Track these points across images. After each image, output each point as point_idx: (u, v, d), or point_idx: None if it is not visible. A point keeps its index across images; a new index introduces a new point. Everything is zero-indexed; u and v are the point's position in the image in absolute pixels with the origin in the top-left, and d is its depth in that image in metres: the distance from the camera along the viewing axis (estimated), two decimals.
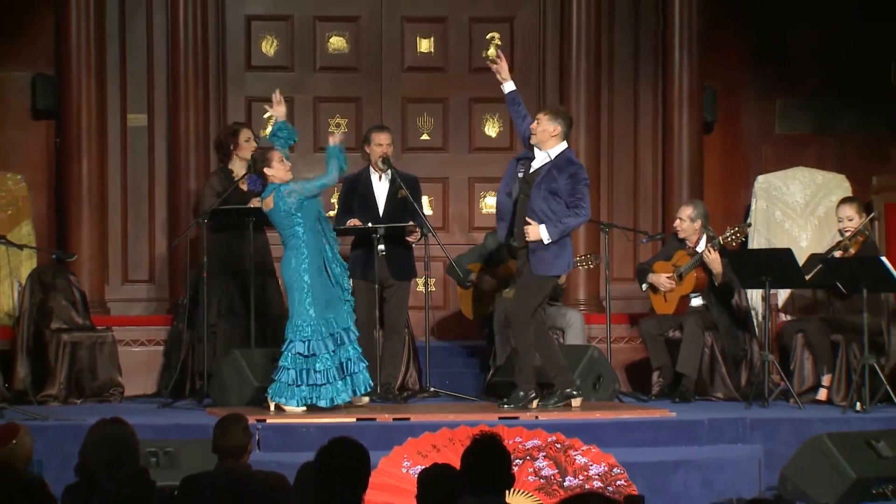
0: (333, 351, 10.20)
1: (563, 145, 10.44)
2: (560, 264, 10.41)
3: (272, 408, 10.21)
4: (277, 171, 10.35)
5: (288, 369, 10.15)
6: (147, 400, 11.67)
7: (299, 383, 10.16)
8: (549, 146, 10.38)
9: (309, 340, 10.16)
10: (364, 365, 10.34)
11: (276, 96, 10.45)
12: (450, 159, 13.10)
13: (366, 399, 10.47)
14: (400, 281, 11.28)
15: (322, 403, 10.18)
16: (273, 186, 10.28)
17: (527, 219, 10.28)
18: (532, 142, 10.42)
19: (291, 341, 10.17)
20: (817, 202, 12.76)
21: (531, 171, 10.44)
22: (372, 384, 10.45)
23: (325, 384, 10.18)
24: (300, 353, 10.15)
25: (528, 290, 10.44)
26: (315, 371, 10.17)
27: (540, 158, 10.41)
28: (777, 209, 12.80)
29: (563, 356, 10.71)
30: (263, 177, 10.35)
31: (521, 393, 10.42)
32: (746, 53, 13.28)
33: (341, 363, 10.24)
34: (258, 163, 10.44)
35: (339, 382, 10.23)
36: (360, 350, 10.33)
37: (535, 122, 10.44)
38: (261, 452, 9.32)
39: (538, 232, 10.25)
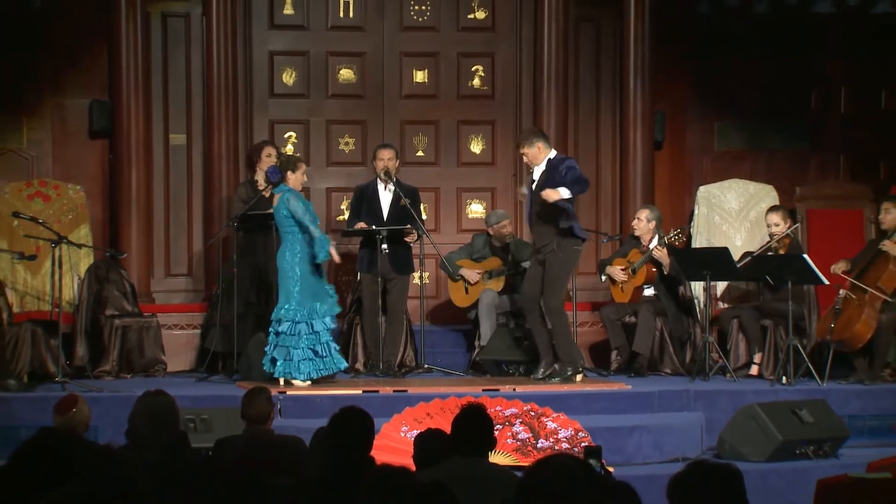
0: (309, 334, 10.18)
1: (553, 152, 10.48)
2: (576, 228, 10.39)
3: (282, 382, 10.18)
4: (296, 179, 10.40)
5: (275, 346, 10.19)
6: (186, 375, 11.67)
7: (280, 358, 10.18)
8: (541, 160, 10.41)
9: (294, 322, 10.16)
10: (334, 349, 10.35)
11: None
12: (441, 172, 13.08)
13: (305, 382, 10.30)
14: (400, 275, 11.27)
15: (300, 378, 10.18)
16: (284, 188, 10.33)
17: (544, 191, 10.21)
18: (531, 167, 10.48)
19: (281, 321, 10.18)
20: (750, 208, 12.75)
21: (534, 185, 10.46)
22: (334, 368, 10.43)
23: (304, 360, 10.18)
24: (284, 333, 10.16)
25: (554, 282, 10.44)
26: (295, 349, 10.17)
27: (537, 172, 10.45)
28: (716, 214, 12.78)
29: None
30: (283, 173, 10.36)
31: (569, 370, 10.42)
32: (690, 82, 13.28)
33: (313, 346, 10.24)
34: (286, 162, 10.49)
35: (316, 360, 10.22)
36: (331, 339, 10.32)
37: (523, 156, 10.51)
38: (282, 419, 9.31)
39: (557, 192, 10.12)
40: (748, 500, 4.76)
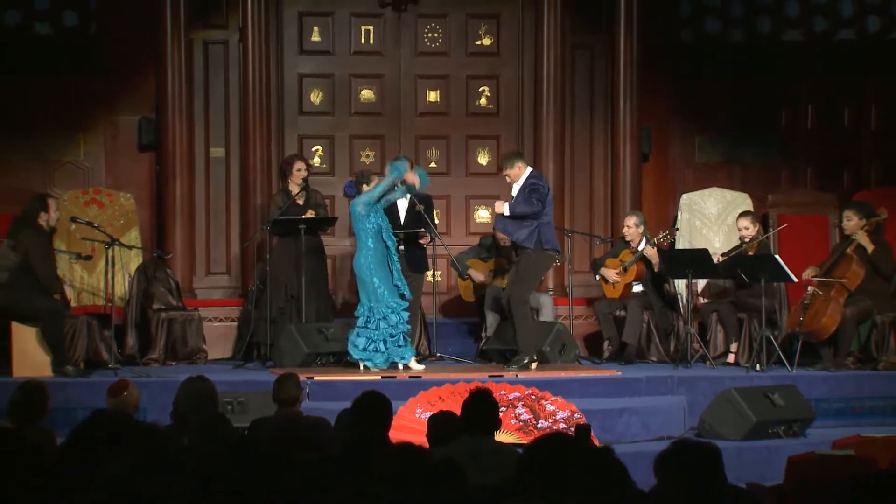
0: (385, 326, 10.18)
1: (528, 171, 10.48)
2: (527, 239, 10.33)
3: (361, 368, 10.19)
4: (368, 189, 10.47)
5: (360, 337, 10.17)
6: (224, 362, 11.67)
7: (369, 348, 10.18)
8: (521, 176, 10.42)
9: (372, 317, 10.17)
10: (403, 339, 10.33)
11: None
12: (451, 182, 13.07)
13: (420, 366, 10.35)
14: (415, 273, 11.26)
15: (380, 364, 10.19)
16: (357, 198, 10.42)
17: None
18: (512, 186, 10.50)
19: (363, 316, 10.18)
20: (727, 214, 12.74)
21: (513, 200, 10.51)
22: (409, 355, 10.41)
23: (383, 350, 10.19)
24: (367, 326, 10.16)
25: (524, 276, 10.44)
26: (374, 340, 10.17)
27: (515, 188, 10.47)
28: (697, 219, 12.77)
29: (538, 331, 10.72)
30: (358, 187, 10.55)
31: (525, 358, 10.39)
32: (674, 101, 13.26)
33: (391, 336, 10.23)
34: (361, 176, 10.71)
35: (393, 349, 10.23)
36: (406, 328, 10.30)
37: (506, 177, 10.52)
38: (309, 402, 9.29)
39: (500, 206, 10.29)
40: (726, 475, 4.76)
